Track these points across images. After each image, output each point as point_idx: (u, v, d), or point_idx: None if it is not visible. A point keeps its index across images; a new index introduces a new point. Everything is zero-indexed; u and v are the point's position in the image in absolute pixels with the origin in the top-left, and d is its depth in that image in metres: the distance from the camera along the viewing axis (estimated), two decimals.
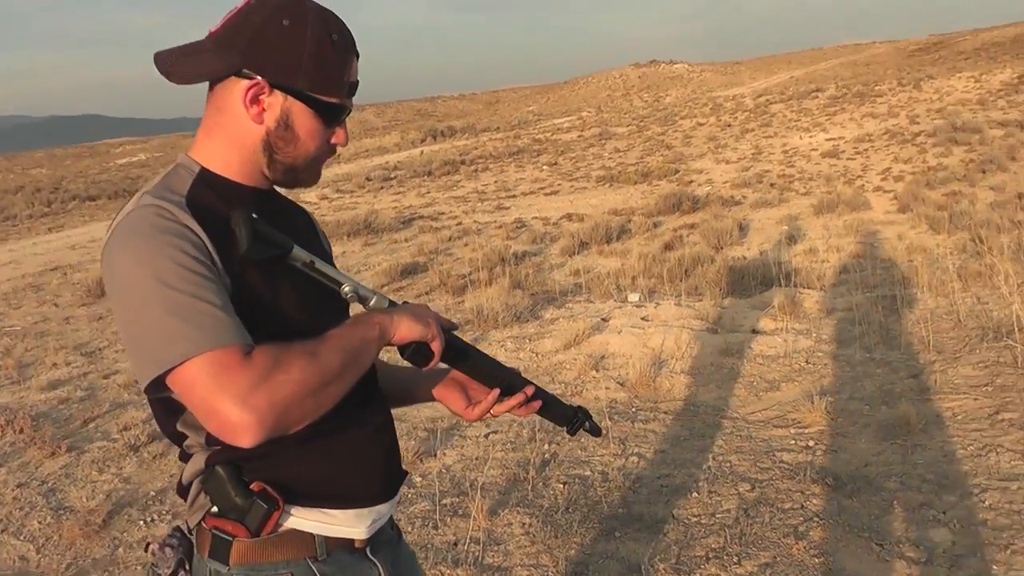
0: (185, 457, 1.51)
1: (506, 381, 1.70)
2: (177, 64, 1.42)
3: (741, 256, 10.36)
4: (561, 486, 4.54)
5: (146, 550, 1.59)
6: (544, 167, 22.43)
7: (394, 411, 1.72)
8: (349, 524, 1.54)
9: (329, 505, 1.51)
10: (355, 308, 1.54)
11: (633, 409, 5.62)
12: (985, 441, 4.59)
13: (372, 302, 1.50)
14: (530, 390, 1.71)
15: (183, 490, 1.53)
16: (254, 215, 1.35)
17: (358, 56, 1.50)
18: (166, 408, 1.46)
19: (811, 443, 4.88)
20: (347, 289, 1.46)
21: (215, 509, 1.45)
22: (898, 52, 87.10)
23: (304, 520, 1.49)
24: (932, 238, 10.28)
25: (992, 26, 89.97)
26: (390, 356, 1.67)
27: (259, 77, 1.41)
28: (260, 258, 1.35)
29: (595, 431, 1.90)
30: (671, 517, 4.15)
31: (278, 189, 1.60)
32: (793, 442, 4.92)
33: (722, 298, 8.16)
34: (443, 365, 1.60)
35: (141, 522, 4.55)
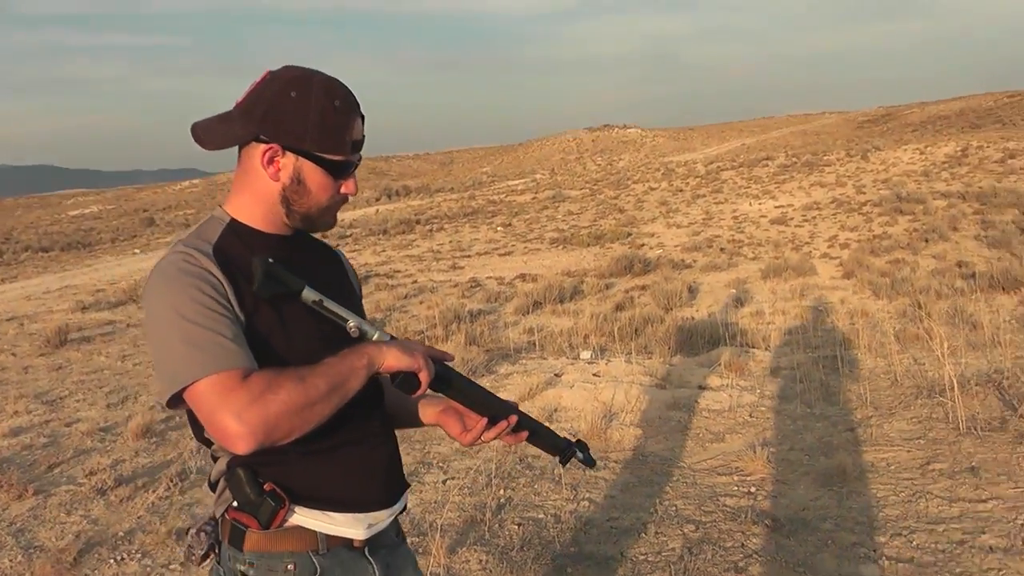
0: (214, 459, 1.80)
1: (494, 410, 1.92)
2: (208, 132, 1.73)
3: (690, 317, 10.79)
4: (516, 527, 4.83)
5: (185, 535, 1.88)
6: (498, 228, 22.90)
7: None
8: (348, 525, 1.81)
9: (330, 508, 1.79)
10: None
11: None
12: (915, 488, 4.97)
13: (374, 336, 1.77)
14: (513, 419, 1.94)
15: (212, 486, 1.82)
16: (270, 259, 1.66)
17: (362, 117, 1.79)
18: (197, 419, 1.71)
19: (753, 489, 5.22)
20: (351, 324, 1.75)
21: (235, 504, 1.73)
22: (847, 123, 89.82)
23: (307, 519, 1.77)
24: (874, 303, 10.80)
25: (939, 99, 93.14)
26: None
27: (273, 142, 1.71)
28: (270, 295, 1.67)
29: (589, 462, 2.15)
30: (620, 555, 4.45)
31: (314, 235, 1.91)
32: (736, 488, 5.26)
33: (671, 356, 8.55)
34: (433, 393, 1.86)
35: (112, 560, 4.72)
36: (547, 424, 6.34)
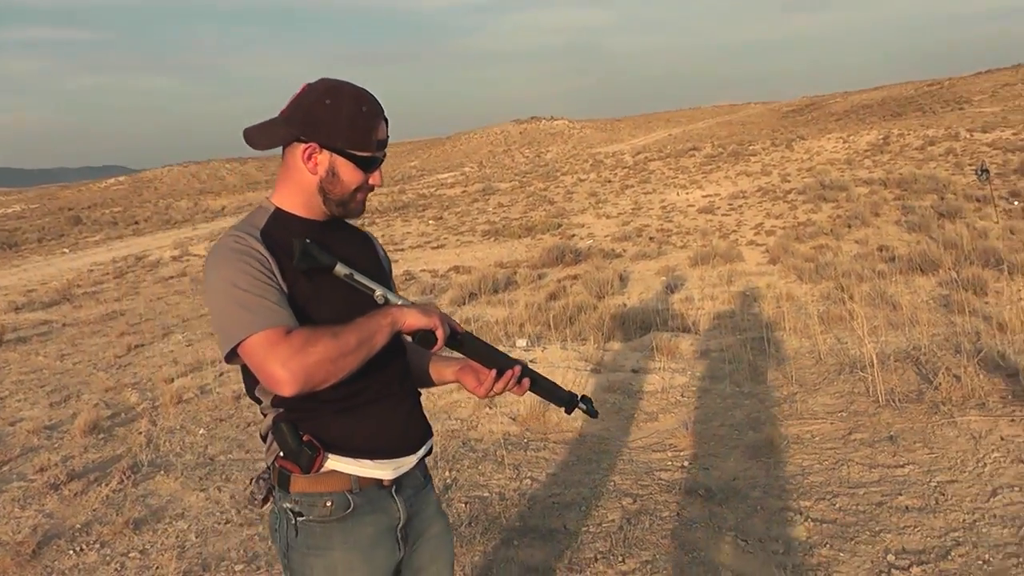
0: (264, 416, 2.17)
1: (500, 363, 2.25)
2: (258, 136, 2.09)
3: (622, 304, 11.13)
4: (463, 505, 5.08)
5: (249, 483, 2.27)
6: (430, 221, 23.07)
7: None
8: (377, 468, 2.16)
9: (360, 456, 2.13)
10: None
11: (525, 440, 6.20)
12: (838, 457, 5.34)
13: (397, 303, 2.13)
14: (517, 370, 2.26)
15: (263, 438, 2.19)
16: (308, 240, 2.04)
17: (386, 121, 2.15)
18: (250, 379, 2.11)
19: (686, 463, 5.54)
20: (378, 293, 2.11)
21: (281, 453, 2.09)
22: (772, 113, 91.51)
23: (341, 464, 2.11)
24: (799, 287, 11.25)
25: (863, 89, 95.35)
26: None
27: (312, 141, 2.07)
28: (307, 269, 2.02)
29: (592, 413, 2.49)
30: (563, 528, 4.72)
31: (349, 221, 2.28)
32: (670, 463, 5.58)
33: (604, 342, 8.86)
34: (449, 352, 2.26)
35: (71, 551, 4.84)
36: (487, 410, 6.60)
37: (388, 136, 2.19)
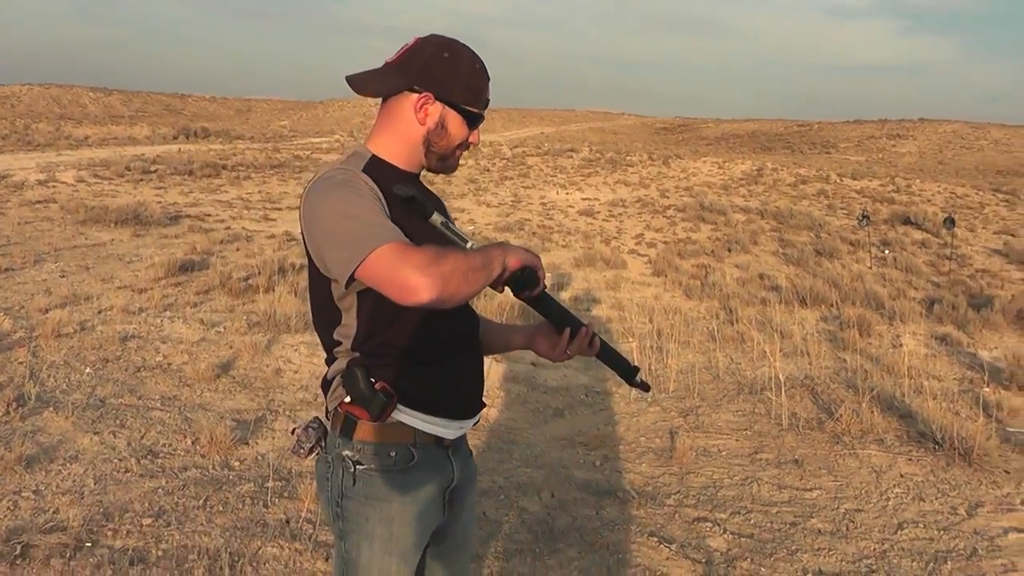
0: (330, 361, 2.16)
1: (572, 323, 2.27)
2: (366, 83, 2.11)
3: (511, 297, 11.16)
4: None
5: (292, 433, 2.18)
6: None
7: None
8: (442, 426, 2.16)
9: (430, 411, 2.12)
10: None
11: None
12: (747, 473, 5.52)
13: None
14: (588, 330, 2.29)
15: (326, 384, 2.17)
16: (413, 185, 2.09)
17: (489, 80, 2.18)
18: (328, 320, 2.11)
19: (598, 463, 5.62)
20: (471, 245, 2.07)
21: (348, 399, 2.07)
22: (645, 127, 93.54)
23: (409, 417, 2.10)
24: (686, 302, 11.53)
25: (733, 119, 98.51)
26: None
27: (428, 91, 2.08)
28: (409, 209, 2.04)
29: (646, 388, 2.51)
30: (483, 515, 4.71)
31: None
32: (582, 462, 5.64)
33: None
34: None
35: None
36: None
37: (491, 98, 2.21)
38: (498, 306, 9.28)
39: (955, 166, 51.57)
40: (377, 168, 2.09)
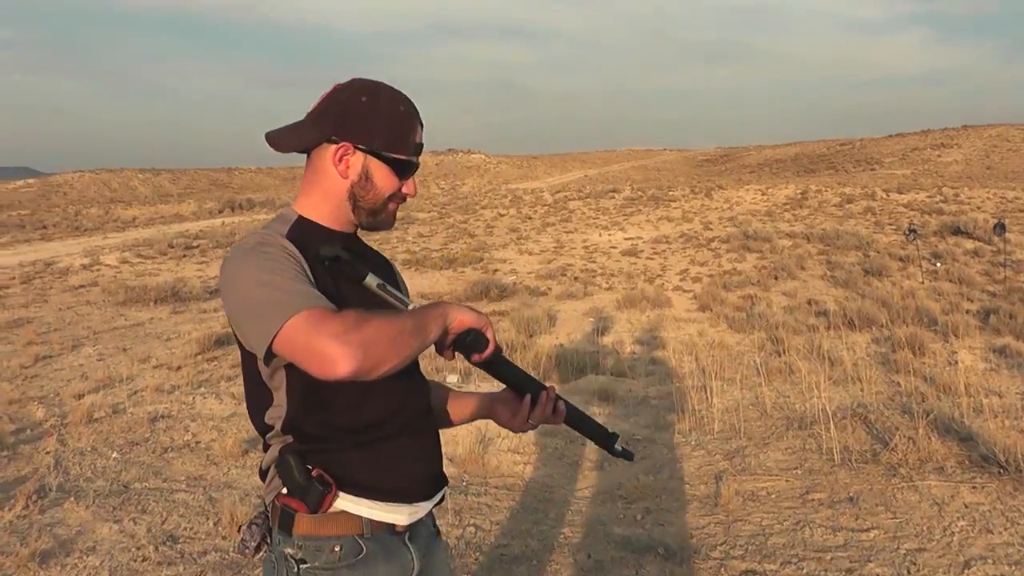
0: (266, 448, 1.93)
1: (533, 388, 2.04)
2: (282, 138, 1.92)
3: (559, 344, 10.90)
4: None
5: (239, 531, 1.91)
6: None
7: None
8: (392, 511, 1.92)
9: (375, 497, 1.89)
10: None
11: (464, 483, 5.89)
12: (798, 517, 5.16)
13: None
14: (552, 392, 2.06)
15: (263, 474, 1.96)
16: (341, 247, 1.87)
17: (422, 125, 1.99)
18: (259, 402, 1.89)
19: (639, 517, 5.30)
20: (411, 307, 1.87)
21: (284, 490, 1.85)
22: (686, 160, 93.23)
23: (353, 504, 1.87)
24: (732, 336, 11.19)
25: (776, 144, 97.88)
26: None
27: (345, 141, 1.89)
28: (337, 274, 1.85)
29: (628, 455, 2.25)
30: None
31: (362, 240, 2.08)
32: (622, 516, 5.32)
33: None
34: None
35: None
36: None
37: (423, 143, 2.01)
38: (535, 356, 9.04)
39: (1003, 170, 50.61)
40: (303, 230, 1.91)
